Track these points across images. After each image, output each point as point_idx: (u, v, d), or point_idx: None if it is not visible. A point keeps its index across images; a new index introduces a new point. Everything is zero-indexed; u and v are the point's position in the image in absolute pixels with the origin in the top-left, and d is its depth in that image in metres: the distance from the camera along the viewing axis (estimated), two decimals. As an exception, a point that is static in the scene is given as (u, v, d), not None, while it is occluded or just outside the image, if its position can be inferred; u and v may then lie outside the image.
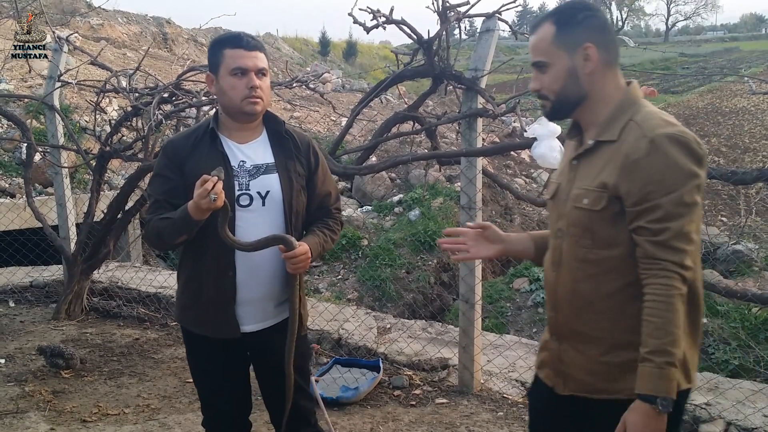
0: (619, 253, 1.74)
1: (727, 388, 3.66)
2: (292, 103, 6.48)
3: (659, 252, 1.64)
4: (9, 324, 5.18)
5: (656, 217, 1.64)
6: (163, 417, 3.74)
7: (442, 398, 3.91)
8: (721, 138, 18.64)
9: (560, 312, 1.88)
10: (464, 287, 3.88)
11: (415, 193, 11.36)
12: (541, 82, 1.85)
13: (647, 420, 1.64)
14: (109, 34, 19.62)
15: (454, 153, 4.04)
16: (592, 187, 1.76)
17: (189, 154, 2.28)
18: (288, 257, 2.20)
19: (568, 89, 1.81)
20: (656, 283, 1.65)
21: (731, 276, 8.36)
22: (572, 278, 1.83)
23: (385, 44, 42.74)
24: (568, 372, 1.89)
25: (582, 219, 1.78)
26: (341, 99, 16.86)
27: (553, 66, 1.81)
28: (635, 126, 1.73)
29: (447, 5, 3.61)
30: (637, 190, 1.67)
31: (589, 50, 1.78)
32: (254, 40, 2.29)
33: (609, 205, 1.72)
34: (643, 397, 1.64)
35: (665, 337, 1.62)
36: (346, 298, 8.60)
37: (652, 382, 1.63)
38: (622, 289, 1.75)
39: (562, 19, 1.80)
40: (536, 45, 1.84)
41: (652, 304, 1.65)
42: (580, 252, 1.80)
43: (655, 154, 1.66)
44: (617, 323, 1.76)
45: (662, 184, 1.64)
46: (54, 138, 5.29)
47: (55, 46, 5.29)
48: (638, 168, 1.67)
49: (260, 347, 2.44)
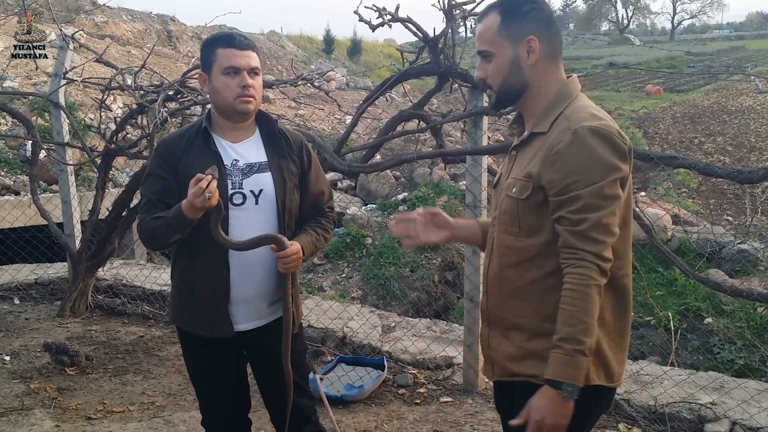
0: (541, 242, 1.77)
1: (732, 388, 3.65)
2: (296, 101, 6.48)
3: (577, 242, 1.67)
4: (14, 321, 5.19)
5: (576, 208, 1.67)
6: (167, 414, 3.74)
7: (447, 397, 3.90)
8: (726, 137, 18.56)
9: (490, 297, 1.92)
10: (469, 285, 3.87)
11: (419, 192, 11.34)
12: (485, 71, 1.86)
13: (551, 404, 1.68)
14: (114, 31, 19.63)
15: (459, 151, 4.03)
16: (520, 177, 1.80)
17: (182, 153, 2.29)
18: (279, 257, 2.20)
19: (510, 80, 1.83)
20: (573, 272, 1.68)
21: (737, 275, 8.33)
22: (500, 264, 1.87)
23: (389, 42, 42.68)
24: (494, 357, 1.93)
25: (511, 207, 1.82)
26: (346, 97, 16.84)
27: (497, 56, 1.83)
28: (563, 118, 1.76)
29: (453, 3, 3.60)
30: (558, 181, 1.70)
31: (532, 42, 1.80)
32: (247, 39, 2.29)
33: (533, 194, 1.76)
34: (550, 382, 1.68)
35: (577, 325, 1.66)
36: (350, 297, 8.60)
37: (560, 368, 1.67)
38: (544, 278, 1.78)
39: (507, 9, 1.81)
40: (481, 34, 1.84)
41: (568, 293, 1.68)
42: (508, 239, 1.84)
43: (576, 145, 1.68)
44: (538, 311, 1.79)
45: (582, 175, 1.67)
46: (59, 135, 5.29)
47: (60, 43, 5.29)
48: (560, 159, 1.70)
49: (255, 346, 2.44)
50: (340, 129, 13.83)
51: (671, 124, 21.50)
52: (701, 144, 17.71)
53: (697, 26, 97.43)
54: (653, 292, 7.34)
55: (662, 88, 31.12)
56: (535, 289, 1.79)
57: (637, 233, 7.11)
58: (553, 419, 1.69)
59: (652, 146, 17.30)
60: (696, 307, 7.39)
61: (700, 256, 8.44)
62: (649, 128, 20.69)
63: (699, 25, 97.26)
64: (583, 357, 1.66)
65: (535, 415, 1.71)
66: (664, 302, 7.47)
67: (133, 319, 5.28)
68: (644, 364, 4.09)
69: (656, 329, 7.18)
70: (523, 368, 1.83)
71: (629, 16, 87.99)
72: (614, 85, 34.46)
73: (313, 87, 4.76)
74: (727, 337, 6.83)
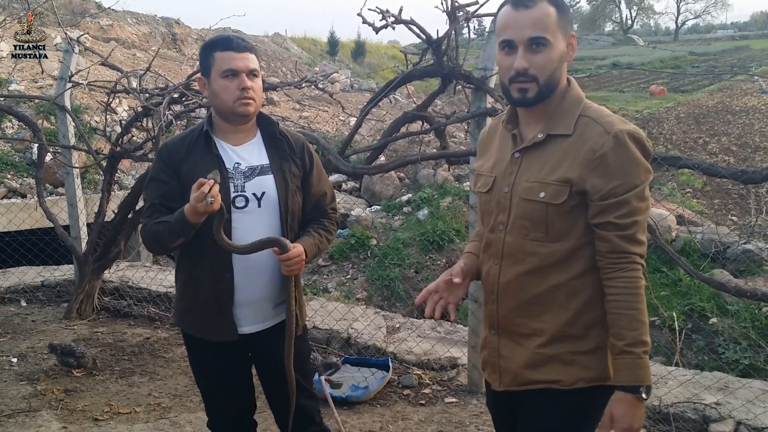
0: (568, 246, 1.77)
1: (737, 388, 3.65)
2: (301, 102, 6.49)
3: (629, 246, 1.69)
4: (21, 323, 5.22)
5: (624, 212, 1.68)
6: (174, 416, 3.76)
7: (452, 397, 3.91)
8: (731, 137, 18.52)
9: (501, 305, 1.88)
10: (473, 286, 3.88)
11: (423, 193, 11.36)
12: (530, 61, 1.72)
13: (633, 409, 1.69)
14: (119, 34, 19.70)
15: (463, 152, 4.04)
16: (551, 181, 1.75)
17: (184, 157, 2.29)
18: (282, 260, 2.21)
19: (556, 74, 1.77)
20: (625, 276, 1.69)
21: (741, 275, 8.32)
22: (517, 271, 1.83)
23: (393, 44, 42.69)
24: (504, 366, 1.91)
25: (537, 212, 1.77)
26: (350, 99, 16.85)
27: (552, 47, 1.72)
28: (591, 122, 1.74)
29: (456, 5, 3.61)
30: (602, 185, 1.70)
31: (573, 40, 1.79)
32: (244, 41, 2.29)
33: (569, 199, 1.74)
34: (626, 388, 1.69)
35: (641, 327, 1.68)
36: (355, 298, 8.62)
37: (635, 372, 1.68)
38: (568, 282, 1.78)
39: (559, 2, 1.76)
40: (539, 20, 1.70)
41: (624, 297, 1.69)
42: (529, 245, 1.80)
43: (619, 149, 1.69)
44: (561, 315, 1.79)
45: (626, 179, 1.68)
46: (65, 138, 5.32)
47: (66, 47, 5.31)
48: (603, 163, 1.69)
49: (260, 348, 2.45)
50: (345, 131, 13.84)
51: (675, 124, 21.45)
52: (706, 144, 17.67)
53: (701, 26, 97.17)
54: (657, 292, 7.34)
55: (666, 88, 31.03)
56: (559, 293, 1.78)
57: (642, 234, 7.05)
58: (639, 423, 1.71)
59: (656, 146, 17.25)
60: (700, 308, 7.39)
61: (704, 257, 8.42)
62: (653, 128, 20.64)
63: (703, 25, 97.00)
64: (647, 357, 1.69)
65: (623, 424, 1.70)
66: (669, 302, 7.46)
67: (140, 321, 5.31)
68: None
69: (661, 329, 7.18)
70: (541, 375, 1.81)
71: (633, 17, 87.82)
72: (618, 85, 34.39)
73: (317, 89, 4.77)
74: (731, 337, 6.82)
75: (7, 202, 8.75)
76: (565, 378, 1.76)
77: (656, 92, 29.60)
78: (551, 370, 1.79)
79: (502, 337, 1.90)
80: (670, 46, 45.78)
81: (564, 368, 1.77)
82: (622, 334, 1.68)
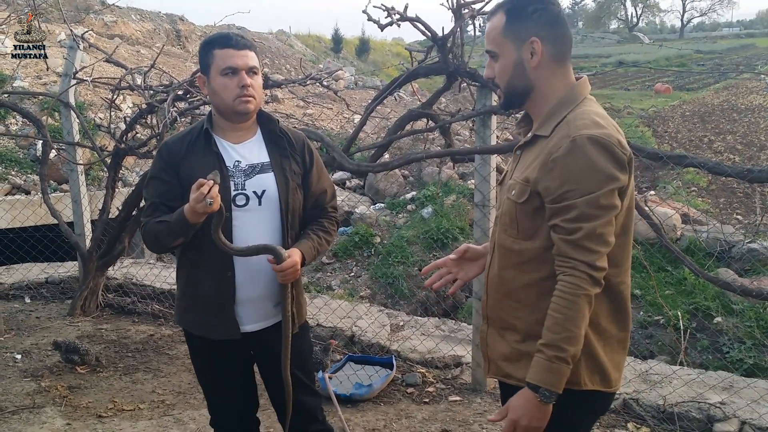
0: (537, 246, 1.78)
1: (741, 387, 3.64)
2: (305, 100, 6.49)
3: (571, 251, 1.68)
4: (25, 320, 5.22)
5: (571, 217, 1.67)
6: (177, 413, 3.76)
7: (456, 396, 3.91)
8: (736, 135, 18.45)
9: (489, 297, 1.94)
10: (477, 285, 3.87)
11: (428, 191, 11.33)
12: (493, 70, 1.86)
13: (529, 406, 1.71)
14: (123, 31, 19.70)
15: (468, 150, 4.03)
16: (519, 180, 1.80)
17: (184, 156, 2.29)
18: (276, 270, 2.21)
19: (514, 81, 1.83)
20: (565, 280, 1.69)
21: (746, 274, 8.29)
22: (499, 265, 1.88)
23: (397, 41, 42.68)
24: (490, 355, 1.95)
25: (510, 209, 1.83)
26: (354, 96, 16.83)
27: (502, 57, 1.83)
28: (565, 124, 1.74)
29: (461, 2, 3.60)
30: (554, 188, 1.70)
31: (534, 44, 1.78)
32: (244, 39, 2.29)
33: (530, 199, 1.77)
34: (530, 385, 1.70)
35: (561, 333, 1.67)
36: (358, 296, 8.61)
37: (540, 372, 1.69)
38: (539, 282, 1.79)
39: (512, 10, 1.80)
40: (488, 34, 1.85)
41: (557, 300, 1.69)
42: (507, 240, 1.85)
43: (574, 154, 1.68)
44: (533, 314, 1.80)
45: (579, 184, 1.67)
46: (69, 135, 5.32)
47: (70, 43, 5.31)
48: (557, 166, 1.69)
49: (262, 347, 2.45)
50: (349, 128, 13.83)
51: (681, 122, 21.41)
52: (711, 142, 17.61)
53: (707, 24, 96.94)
54: (662, 291, 7.31)
55: (672, 86, 30.98)
56: (531, 292, 1.80)
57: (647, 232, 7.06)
58: (528, 421, 1.71)
59: (661, 145, 17.23)
60: (705, 307, 7.36)
61: (709, 255, 8.40)
62: (658, 127, 20.60)
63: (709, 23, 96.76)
64: (564, 364, 1.67)
65: (512, 414, 1.74)
66: (674, 301, 7.44)
67: (143, 318, 5.31)
68: (653, 364, 4.08)
69: (665, 328, 7.16)
70: (515, 370, 1.84)
71: (638, 15, 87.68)
72: (623, 83, 34.35)
73: (322, 86, 4.76)
74: (736, 336, 6.80)
75: (12, 199, 8.76)
76: None
77: (661, 90, 29.56)
78: (523, 367, 1.79)
79: (491, 327, 1.94)
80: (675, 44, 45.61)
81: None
82: (544, 334, 1.70)
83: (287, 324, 2.31)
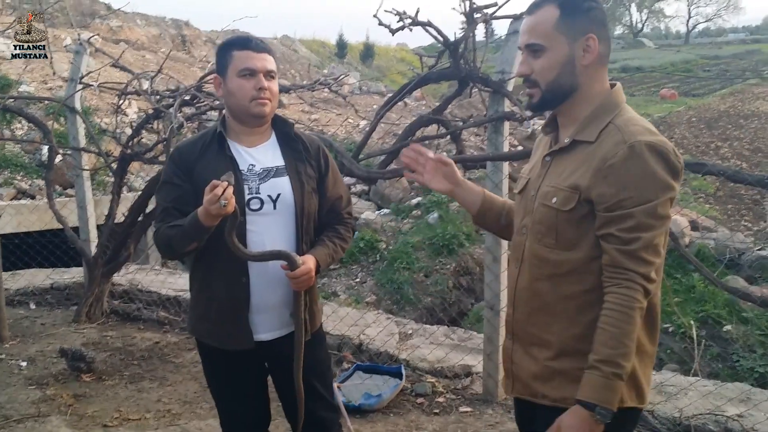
0: (580, 257, 1.70)
1: (760, 400, 3.56)
2: (312, 105, 6.45)
3: (627, 262, 1.61)
4: (30, 326, 5.18)
5: (627, 226, 1.61)
6: (184, 423, 3.71)
7: (466, 406, 3.84)
8: (743, 141, 18.41)
9: (517, 310, 1.85)
10: (489, 294, 3.81)
11: (434, 196, 11.29)
12: (531, 66, 1.76)
13: (583, 425, 1.63)
14: (129, 36, 19.73)
15: (480, 157, 3.98)
16: (563, 187, 1.72)
17: (197, 160, 2.25)
18: (289, 276, 2.16)
19: (561, 79, 1.74)
20: (619, 292, 1.62)
21: (756, 282, 8.24)
22: (531, 276, 1.79)
23: (402, 46, 42.70)
24: (516, 373, 1.87)
25: (548, 217, 1.74)
26: (359, 101, 16.82)
27: (550, 51, 1.73)
28: (615, 130, 1.68)
29: (474, 7, 3.55)
30: (610, 196, 1.63)
31: (591, 41, 1.73)
32: (263, 42, 2.26)
33: (578, 206, 1.69)
34: (583, 403, 1.62)
35: (618, 348, 1.60)
36: (364, 302, 8.56)
37: (596, 390, 1.61)
38: (579, 295, 1.71)
39: (566, 3, 1.73)
40: (534, 27, 1.74)
41: (612, 313, 1.62)
42: (542, 251, 1.76)
43: (632, 160, 1.62)
44: (569, 329, 1.73)
45: (637, 192, 1.61)
46: (75, 140, 5.29)
47: (76, 48, 5.28)
48: (614, 173, 1.63)
49: (276, 357, 2.38)
50: (355, 134, 13.80)
51: (687, 128, 21.34)
52: (718, 149, 17.57)
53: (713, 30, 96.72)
54: (671, 299, 7.25)
55: (677, 92, 30.91)
56: (569, 306, 1.73)
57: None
58: None
59: (668, 151, 17.14)
60: (715, 315, 7.30)
61: (718, 263, 8.34)
62: (664, 133, 20.43)
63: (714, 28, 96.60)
64: (620, 381, 1.61)
65: None
66: (683, 309, 7.39)
67: (149, 325, 5.26)
68: (669, 375, 4.01)
69: (674, 336, 7.10)
70: (549, 390, 1.77)
71: (644, 20, 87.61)
72: (629, 89, 34.07)
73: (330, 92, 4.72)
74: (747, 345, 6.73)
75: (17, 204, 8.74)
76: (571, 396, 1.68)
77: (667, 96, 29.49)
78: (558, 386, 1.74)
79: (516, 343, 1.87)
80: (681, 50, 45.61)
81: (571, 385, 1.69)
82: (597, 349, 1.62)
83: (300, 331, 2.26)
